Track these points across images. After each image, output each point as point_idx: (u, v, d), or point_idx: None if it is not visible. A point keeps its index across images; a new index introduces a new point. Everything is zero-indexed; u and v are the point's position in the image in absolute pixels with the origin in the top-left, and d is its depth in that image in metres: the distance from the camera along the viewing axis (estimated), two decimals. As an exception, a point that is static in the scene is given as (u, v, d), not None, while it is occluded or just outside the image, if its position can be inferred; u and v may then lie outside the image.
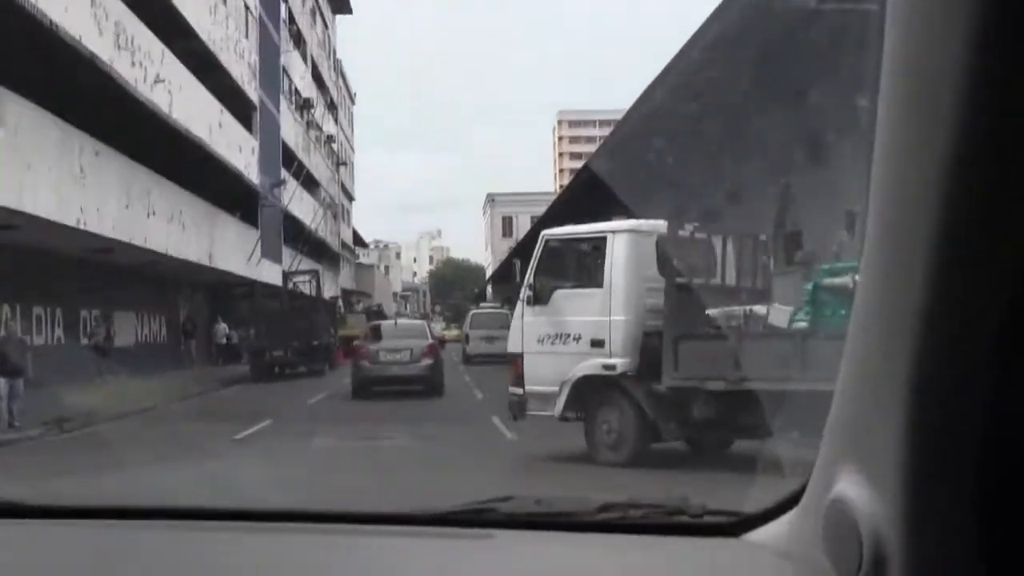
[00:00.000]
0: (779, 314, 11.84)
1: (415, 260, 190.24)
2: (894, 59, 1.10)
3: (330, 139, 71.15)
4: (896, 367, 1.11)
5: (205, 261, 35.20)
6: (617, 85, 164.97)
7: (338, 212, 77.15)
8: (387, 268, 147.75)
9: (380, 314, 52.06)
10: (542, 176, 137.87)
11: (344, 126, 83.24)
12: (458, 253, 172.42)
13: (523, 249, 30.95)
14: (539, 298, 14.02)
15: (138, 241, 27.87)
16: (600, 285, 13.48)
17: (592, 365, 13.22)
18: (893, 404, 1.12)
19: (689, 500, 2.11)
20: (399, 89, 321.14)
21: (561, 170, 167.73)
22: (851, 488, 1.26)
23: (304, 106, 59.56)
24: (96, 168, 24.52)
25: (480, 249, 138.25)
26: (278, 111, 50.71)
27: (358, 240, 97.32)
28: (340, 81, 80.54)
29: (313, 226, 60.53)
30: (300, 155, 57.94)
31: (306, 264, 50.05)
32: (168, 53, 30.06)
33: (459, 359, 41.49)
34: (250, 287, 39.77)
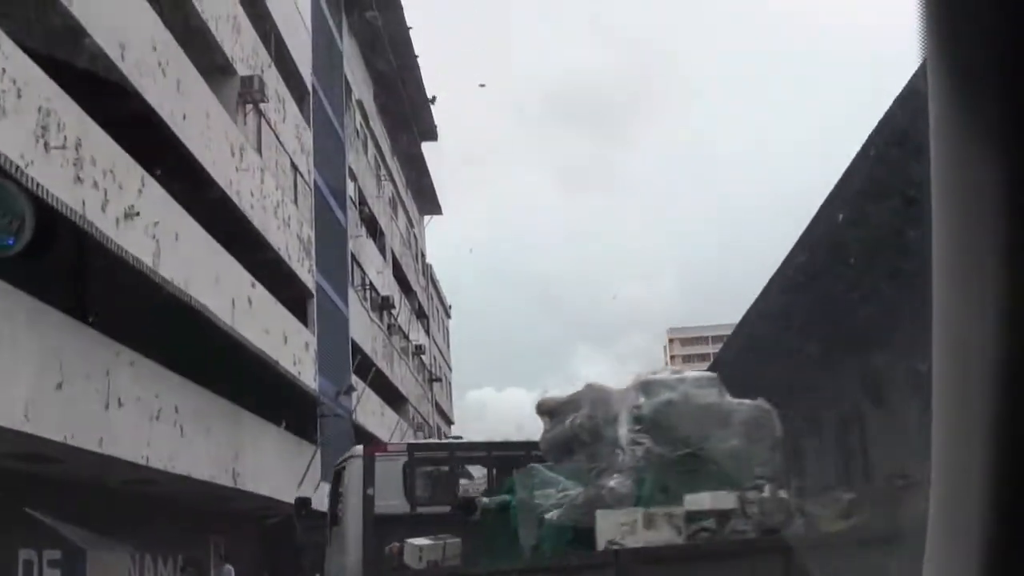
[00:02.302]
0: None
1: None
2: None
3: (419, 349, 62.23)
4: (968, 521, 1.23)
5: (223, 480, 25.57)
6: (727, 299, 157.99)
7: (432, 434, 67.47)
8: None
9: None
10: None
11: (437, 339, 74.51)
12: None
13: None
14: None
15: (90, 445, 18.44)
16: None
17: None
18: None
19: None
20: (506, 327, 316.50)
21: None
22: None
23: (383, 306, 50.92)
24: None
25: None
26: (346, 305, 41.97)
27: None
28: (431, 288, 72.31)
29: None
30: (379, 362, 48.95)
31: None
32: (147, 178, 21.32)
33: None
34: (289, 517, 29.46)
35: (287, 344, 31.86)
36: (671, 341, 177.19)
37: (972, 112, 1.24)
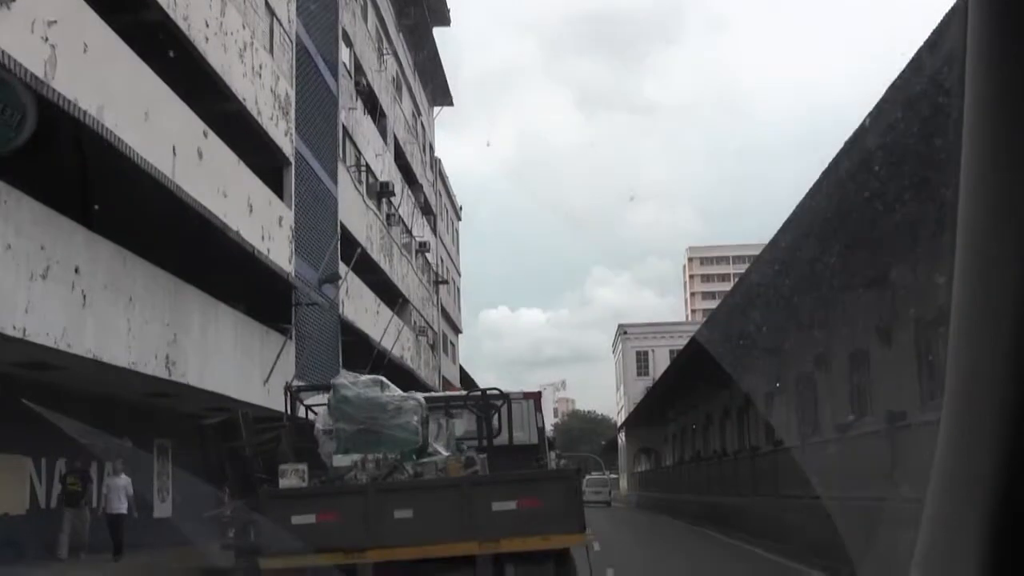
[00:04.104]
0: None
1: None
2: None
3: (424, 247, 56.87)
4: (970, 516, 1.24)
5: (153, 369, 20.37)
6: (747, 222, 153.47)
7: (437, 341, 62.40)
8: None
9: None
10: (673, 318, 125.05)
11: (445, 240, 69.14)
12: (583, 405, 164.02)
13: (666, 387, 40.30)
14: None
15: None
16: None
17: None
18: (970, 548, 1.24)
19: None
20: (522, 246, 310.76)
21: (693, 311, 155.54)
22: None
23: (382, 193, 45.51)
24: None
25: (606, 401, 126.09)
26: (335, 183, 36.56)
27: (468, 383, 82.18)
28: (440, 184, 66.77)
29: (398, 352, 45.74)
30: (376, 255, 43.68)
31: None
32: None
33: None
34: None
35: (253, 214, 26.56)
36: (690, 261, 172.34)
37: (1011, 24, 1.26)
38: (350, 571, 10.39)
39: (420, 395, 12.53)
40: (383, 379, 12.45)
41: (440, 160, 66.87)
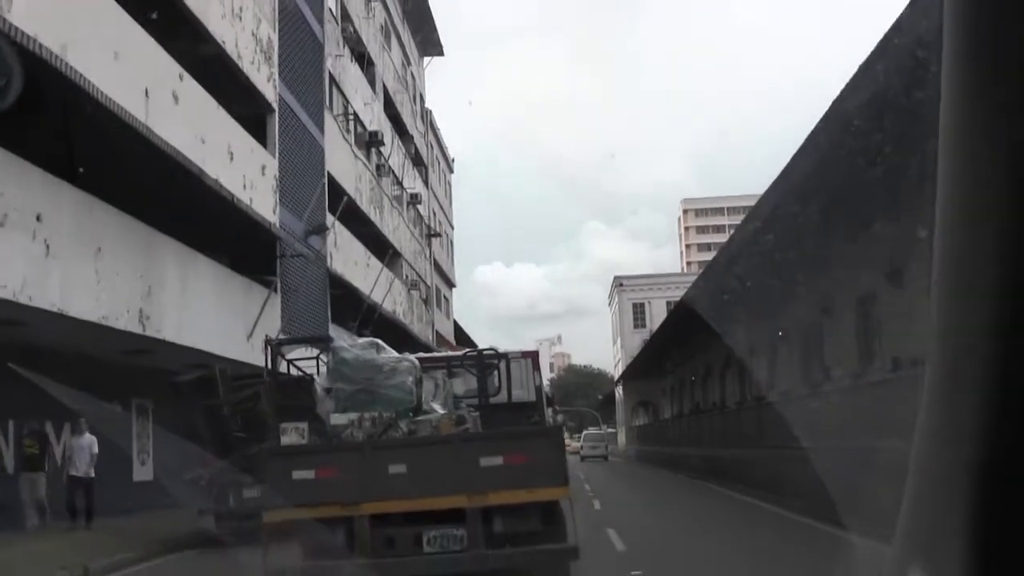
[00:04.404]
0: None
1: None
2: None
3: (415, 199, 55.64)
4: (958, 473, 1.25)
5: (125, 324, 19.29)
6: (741, 174, 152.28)
7: (430, 296, 61.34)
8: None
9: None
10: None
11: (437, 192, 67.88)
12: (579, 359, 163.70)
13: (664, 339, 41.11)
14: None
15: None
16: None
17: None
18: (955, 506, 1.25)
19: None
20: (517, 201, 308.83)
21: (689, 263, 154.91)
22: None
23: (371, 143, 44.27)
24: None
25: (602, 355, 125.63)
26: (321, 132, 35.33)
27: (464, 340, 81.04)
28: (431, 135, 65.43)
29: (389, 306, 44.74)
30: (366, 207, 42.54)
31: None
32: None
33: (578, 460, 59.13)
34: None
35: (234, 162, 25.42)
36: (685, 212, 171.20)
37: None
38: (347, 523, 10.94)
39: (413, 357, 12.87)
40: (379, 342, 12.75)
41: (431, 111, 65.53)
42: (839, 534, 12.13)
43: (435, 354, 22.02)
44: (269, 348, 19.65)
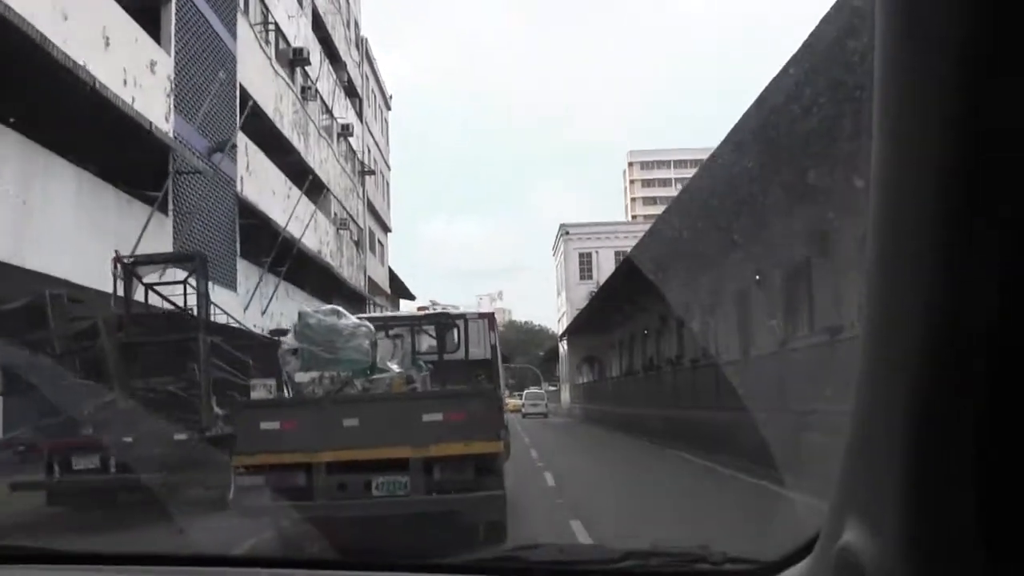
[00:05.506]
0: None
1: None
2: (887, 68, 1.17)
3: (346, 130, 51.01)
4: (894, 424, 1.20)
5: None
6: (687, 127, 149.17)
7: (362, 238, 56.80)
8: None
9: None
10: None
11: (372, 128, 63.17)
12: (520, 315, 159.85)
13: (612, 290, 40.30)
14: None
15: None
16: None
17: None
18: (892, 457, 1.21)
19: (710, 548, 2.24)
20: (461, 153, 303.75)
21: (634, 216, 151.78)
22: (857, 536, 1.32)
23: (296, 61, 39.60)
24: None
25: (543, 311, 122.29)
26: (233, 37, 30.70)
27: (399, 289, 76.57)
28: (366, 66, 60.64)
29: (314, 245, 40.37)
30: (288, 132, 37.99)
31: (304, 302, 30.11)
32: None
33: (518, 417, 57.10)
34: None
35: (111, 50, 20.88)
36: (630, 165, 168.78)
37: None
38: (307, 469, 11.93)
39: (368, 322, 13.69)
40: (340, 309, 13.52)
41: (367, 39, 60.72)
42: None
43: (398, 314, 23.42)
44: (119, 267, 15.38)
